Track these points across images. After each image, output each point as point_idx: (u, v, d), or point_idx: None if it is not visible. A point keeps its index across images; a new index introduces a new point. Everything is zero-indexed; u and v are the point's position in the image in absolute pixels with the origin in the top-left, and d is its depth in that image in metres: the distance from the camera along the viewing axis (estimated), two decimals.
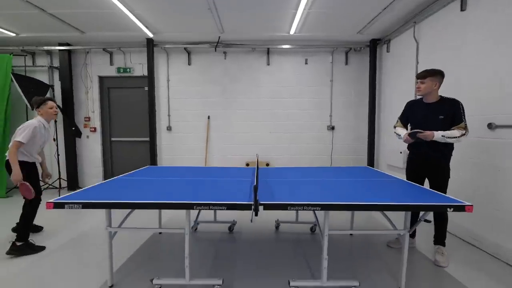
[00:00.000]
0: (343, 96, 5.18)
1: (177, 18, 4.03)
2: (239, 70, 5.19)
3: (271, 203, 1.72)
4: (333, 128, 5.22)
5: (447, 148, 2.40)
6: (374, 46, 4.87)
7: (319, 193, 2.03)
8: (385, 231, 2.32)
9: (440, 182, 2.39)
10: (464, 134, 2.29)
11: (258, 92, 5.20)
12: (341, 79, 5.16)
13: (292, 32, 4.46)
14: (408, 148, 2.64)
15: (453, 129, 2.31)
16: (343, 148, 5.23)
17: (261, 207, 1.67)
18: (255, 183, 1.80)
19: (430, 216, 2.84)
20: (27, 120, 4.70)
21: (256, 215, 1.61)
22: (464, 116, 2.34)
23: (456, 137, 2.28)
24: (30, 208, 2.65)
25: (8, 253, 2.51)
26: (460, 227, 2.97)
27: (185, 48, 5.07)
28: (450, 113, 2.34)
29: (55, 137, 5.06)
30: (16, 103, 4.94)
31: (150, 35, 4.67)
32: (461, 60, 2.95)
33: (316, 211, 1.87)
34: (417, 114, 2.54)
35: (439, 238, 2.49)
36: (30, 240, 2.63)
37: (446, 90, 3.17)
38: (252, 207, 1.64)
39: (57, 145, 5.05)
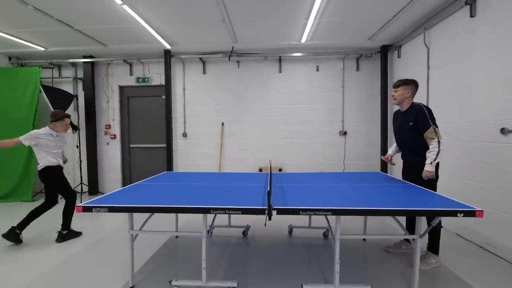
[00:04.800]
0: (355, 102, 5.21)
1: (193, 30, 4.24)
2: (252, 78, 5.33)
3: (284, 208, 1.81)
4: (345, 133, 5.24)
5: (422, 161, 2.42)
6: (385, 52, 4.89)
7: (331, 198, 2.10)
8: (397, 236, 2.34)
9: (427, 184, 2.42)
10: (437, 142, 2.32)
11: (270, 99, 5.32)
12: (353, 85, 5.20)
13: (303, 40, 4.57)
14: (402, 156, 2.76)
15: (430, 146, 2.36)
16: (355, 153, 5.24)
17: (274, 212, 1.76)
18: (268, 189, 1.90)
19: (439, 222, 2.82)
20: None
21: (270, 219, 1.70)
22: (431, 120, 2.37)
23: (436, 154, 2.33)
24: (68, 206, 3.18)
25: (58, 240, 3.08)
26: (474, 233, 2.92)
27: (200, 58, 5.27)
28: (417, 118, 2.42)
29: (78, 145, 5.35)
30: (45, 112, 5.28)
31: (168, 46, 4.91)
32: (472, 65, 2.95)
33: (328, 216, 1.94)
34: (396, 123, 2.71)
35: (430, 245, 2.49)
36: (72, 229, 3.23)
37: (458, 95, 3.17)
38: (266, 211, 1.73)
39: (79, 152, 5.33)
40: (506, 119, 2.56)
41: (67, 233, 3.15)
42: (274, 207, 1.79)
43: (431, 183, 2.44)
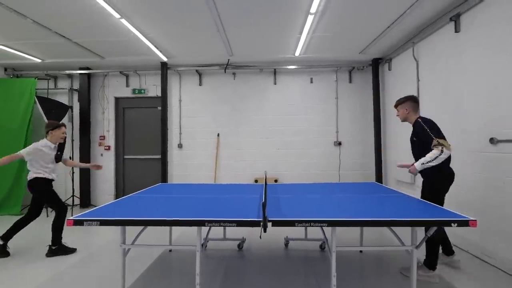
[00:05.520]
0: (349, 113, 5.30)
1: (189, 43, 4.32)
2: (248, 89, 5.40)
3: (279, 219, 1.80)
4: (340, 143, 5.29)
5: (428, 168, 2.42)
6: (376, 65, 5.02)
7: (326, 209, 2.10)
8: (393, 247, 2.33)
9: (429, 197, 2.44)
10: (440, 150, 2.30)
11: (265, 110, 5.37)
12: (346, 96, 5.30)
13: (297, 54, 4.68)
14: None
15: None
16: (350, 163, 5.27)
17: (269, 224, 1.75)
18: (263, 200, 1.89)
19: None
20: None
21: (265, 231, 1.69)
22: (432, 132, 2.37)
23: (432, 159, 2.33)
24: (58, 219, 3.08)
25: (47, 255, 3.01)
26: (470, 243, 2.93)
27: (196, 70, 5.34)
28: (418, 134, 2.49)
29: (70, 156, 5.29)
30: (37, 123, 5.25)
31: (165, 59, 4.97)
32: (461, 77, 3.05)
33: (324, 228, 1.93)
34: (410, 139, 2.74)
35: (426, 260, 2.47)
36: (64, 243, 3.13)
37: (448, 107, 3.26)
38: (261, 223, 1.72)
39: None
40: (495, 129, 2.62)
41: (57, 248, 3.06)
42: (269, 219, 1.78)
43: (433, 195, 2.44)
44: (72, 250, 3.12)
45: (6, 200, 4.90)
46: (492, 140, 2.63)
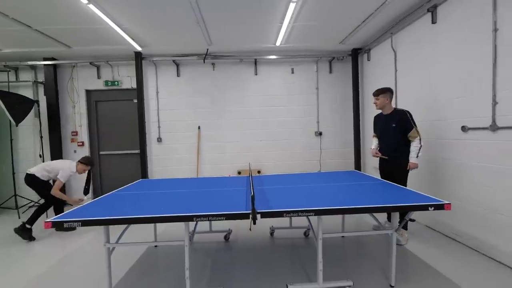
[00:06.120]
0: (329, 103, 5.39)
1: (165, 32, 4.11)
2: (228, 80, 5.30)
3: (268, 211, 1.81)
4: (320, 134, 5.39)
5: (404, 150, 2.93)
6: (356, 55, 5.12)
7: (311, 199, 2.14)
8: (374, 232, 2.45)
9: (401, 177, 2.91)
10: (419, 139, 2.85)
11: (247, 102, 5.32)
12: (326, 86, 5.38)
13: (278, 43, 4.64)
14: (379, 151, 3.23)
15: (412, 144, 2.88)
16: (331, 153, 5.41)
17: (258, 215, 1.76)
18: (252, 193, 1.89)
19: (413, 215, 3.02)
20: (11, 137, 4.63)
21: (254, 223, 1.69)
22: (413, 122, 2.88)
23: (418, 149, 2.85)
24: (47, 204, 3.56)
25: (15, 231, 3.31)
26: (443, 224, 3.15)
27: (173, 61, 5.13)
28: (400, 121, 2.93)
29: (41, 153, 4.95)
30: (1, 119, 4.83)
31: (139, 48, 4.71)
32: (436, 68, 3.19)
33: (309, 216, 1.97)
34: (380, 125, 3.20)
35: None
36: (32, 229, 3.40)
37: (424, 95, 3.41)
38: (250, 216, 1.72)
39: (43, 161, 4.92)
40: (466, 118, 2.79)
41: (27, 230, 3.32)
42: (258, 210, 1.79)
43: (404, 174, 2.94)
44: (31, 238, 3.34)
45: None
46: (463, 128, 2.79)
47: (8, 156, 4.79)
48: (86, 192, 3.80)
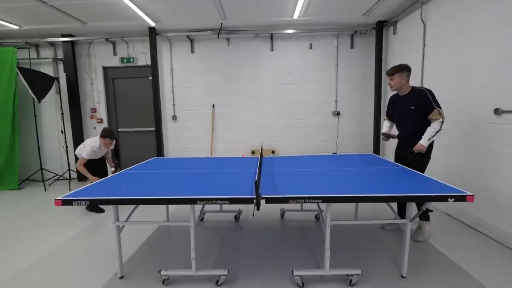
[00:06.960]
0: (349, 81, 5.07)
1: (178, 6, 3.95)
2: (243, 57, 5.10)
3: (273, 196, 1.75)
4: (338, 113, 5.15)
5: (420, 136, 2.51)
6: (380, 29, 4.69)
7: (322, 184, 2.05)
8: (388, 221, 2.34)
9: (417, 166, 2.50)
10: (441, 122, 2.41)
11: (262, 79, 5.13)
12: (347, 63, 5.03)
13: (295, 16, 4.33)
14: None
15: (432, 125, 2.45)
16: (348, 134, 5.19)
17: (263, 201, 1.71)
18: (256, 178, 1.82)
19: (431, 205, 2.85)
20: (35, 113, 4.82)
21: (258, 209, 1.64)
22: (436, 102, 2.43)
23: (435, 132, 2.43)
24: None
25: (87, 208, 3.61)
26: (465, 213, 2.96)
27: (187, 36, 4.99)
28: (420, 102, 2.49)
29: (62, 130, 5.15)
30: (23, 96, 5.03)
31: (152, 23, 4.60)
32: (470, 43, 2.82)
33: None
34: (396, 107, 2.76)
35: (421, 214, 2.48)
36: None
37: (454, 74, 3.07)
38: (254, 201, 1.67)
39: (65, 137, 5.15)
40: (500, 100, 2.49)
41: (96, 206, 3.53)
42: (263, 195, 1.73)
43: (422, 162, 2.53)
44: (100, 210, 3.58)
45: (3, 176, 4.87)
46: (497, 111, 2.51)
47: (33, 131, 5.03)
48: (116, 164, 3.91)
